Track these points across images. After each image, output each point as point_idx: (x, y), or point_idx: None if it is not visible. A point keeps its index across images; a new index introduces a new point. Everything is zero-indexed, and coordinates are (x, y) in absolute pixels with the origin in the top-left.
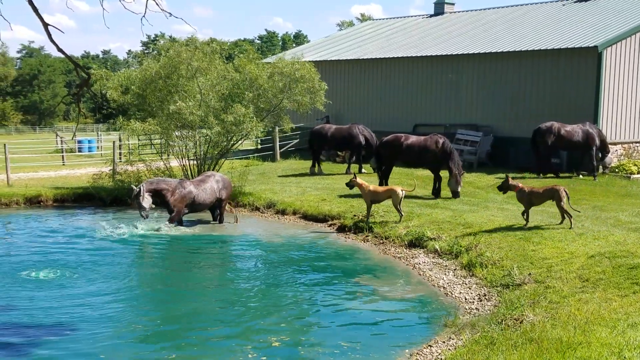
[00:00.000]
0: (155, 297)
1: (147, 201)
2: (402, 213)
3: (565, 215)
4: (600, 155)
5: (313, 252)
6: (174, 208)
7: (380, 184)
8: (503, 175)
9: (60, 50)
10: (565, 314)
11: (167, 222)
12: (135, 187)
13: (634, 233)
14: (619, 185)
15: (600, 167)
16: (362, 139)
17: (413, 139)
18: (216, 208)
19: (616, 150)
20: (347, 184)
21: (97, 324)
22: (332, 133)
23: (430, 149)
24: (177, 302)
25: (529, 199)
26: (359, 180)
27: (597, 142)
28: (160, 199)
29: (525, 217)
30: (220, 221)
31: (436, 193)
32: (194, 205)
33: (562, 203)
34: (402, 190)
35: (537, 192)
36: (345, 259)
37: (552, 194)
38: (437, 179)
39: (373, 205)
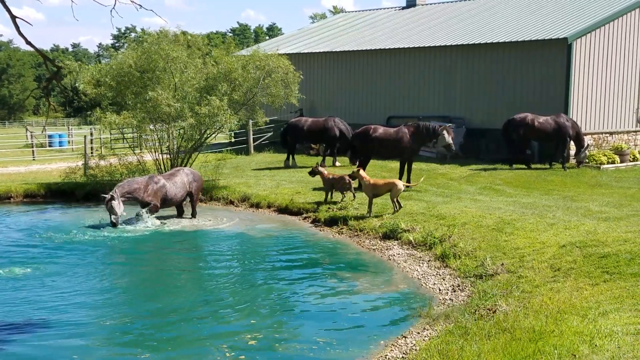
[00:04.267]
0: (128, 295)
1: (120, 207)
2: (397, 207)
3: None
4: (576, 148)
5: (287, 246)
6: (150, 202)
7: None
8: (476, 167)
9: (28, 43)
10: (537, 303)
11: (147, 212)
12: (106, 196)
13: (604, 222)
14: (589, 175)
15: (575, 162)
16: (337, 132)
17: (381, 130)
18: (183, 204)
19: (587, 140)
20: (349, 176)
21: (69, 322)
22: (308, 126)
23: (400, 139)
24: (151, 299)
25: (331, 184)
26: (362, 173)
27: (572, 133)
28: (134, 198)
29: (327, 197)
30: (193, 215)
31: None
32: (166, 200)
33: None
34: (403, 185)
35: (338, 178)
36: (319, 251)
37: (341, 182)
38: (408, 170)
39: (367, 198)
